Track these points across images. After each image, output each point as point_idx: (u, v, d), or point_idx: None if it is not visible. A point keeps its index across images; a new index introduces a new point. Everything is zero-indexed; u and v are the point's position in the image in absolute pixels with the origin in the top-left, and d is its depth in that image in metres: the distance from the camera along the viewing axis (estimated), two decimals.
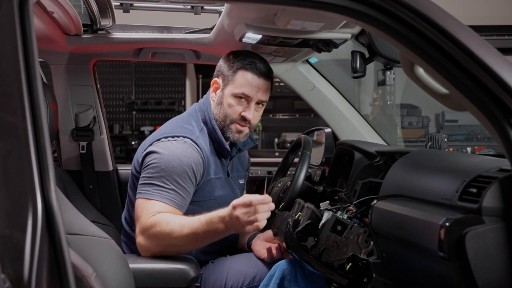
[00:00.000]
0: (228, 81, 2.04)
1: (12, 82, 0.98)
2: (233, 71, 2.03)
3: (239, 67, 2.03)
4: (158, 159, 1.91)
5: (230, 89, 2.03)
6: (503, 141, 1.11)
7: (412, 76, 1.40)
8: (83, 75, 2.54)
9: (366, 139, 2.51)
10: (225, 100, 2.04)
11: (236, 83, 2.02)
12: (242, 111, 2.03)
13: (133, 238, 1.97)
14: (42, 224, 0.90)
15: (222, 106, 2.04)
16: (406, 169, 1.55)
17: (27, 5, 1.01)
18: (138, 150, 2.05)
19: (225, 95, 2.04)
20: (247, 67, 2.02)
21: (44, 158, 0.95)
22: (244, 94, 2.01)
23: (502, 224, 1.11)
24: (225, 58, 2.10)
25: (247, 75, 2.02)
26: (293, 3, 1.27)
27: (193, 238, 1.78)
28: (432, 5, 1.18)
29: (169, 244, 1.81)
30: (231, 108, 2.03)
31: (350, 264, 1.61)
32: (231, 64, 2.05)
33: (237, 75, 2.02)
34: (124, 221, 2.14)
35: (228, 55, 2.09)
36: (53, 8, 1.86)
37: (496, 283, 1.11)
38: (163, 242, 1.81)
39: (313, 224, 1.67)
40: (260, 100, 2.04)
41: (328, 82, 2.59)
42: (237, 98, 2.02)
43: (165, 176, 1.88)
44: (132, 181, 2.05)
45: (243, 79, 2.02)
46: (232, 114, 2.03)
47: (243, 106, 2.03)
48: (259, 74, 2.02)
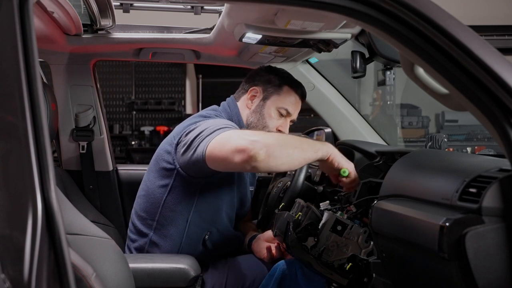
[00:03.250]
0: (272, 93, 2.09)
1: (12, 82, 0.97)
2: (279, 85, 2.10)
3: (286, 83, 2.11)
4: (203, 125, 1.86)
5: (274, 102, 2.09)
6: (503, 141, 1.11)
7: (412, 76, 1.40)
8: (83, 75, 2.54)
9: (366, 139, 2.51)
10: (266, 111, 2.09)
11: (281, 98, 2.09)
12: (279, 125, 2.10)
13: (143, 233, 1.97)
14: (42, 224, 0.90)
15: (262, 115, 2.09)
16: (406, 169, 1.55)
17: (27, 5, 1.01)
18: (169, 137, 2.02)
19: (267, 106, 2.09)
20: (294, 87, 2.11)
21: (44, 158, 0.95)
22: (287, 111, 2.09)
23: (502, 224, 1.11)
24: (264, 71, 2.15)
25: (293, 94, 2.11)
26: (293, 3, 1.27)
27: (300, 139, 1.75)
28: (432, 5, 1.18)
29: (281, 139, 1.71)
30: (271, 120, 2.08)
31: (350, 264, 1.61)
32: (275, 77, 2.11)
33: (283, 90, 2.10)
34: (135, 215, 2.09)
35: (268, 69, 2.16)
36: (53, 8, 1.86)
37: (496, 283, 1.11)
38: (273, 136, 1.72)
39: (313, 224, 1.67)
40: (293, 120, 2.14)
41: (328, 82, 2.59)
42: (278, 111, 2.09)
43: (218, 124, 1.82)
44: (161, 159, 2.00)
45: (289, 97, 2.10)
46: (271, 126, 2.08)
47: (281, 121, 2.10)
48: (302, 97, 2.14)
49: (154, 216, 2.00)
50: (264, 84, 2.11)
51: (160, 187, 2.00)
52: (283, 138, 1.73)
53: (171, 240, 1.98)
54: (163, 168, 1.99)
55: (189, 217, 1.97)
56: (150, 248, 2.00)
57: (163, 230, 1.99)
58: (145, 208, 2.04)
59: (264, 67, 2.20)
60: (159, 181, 2.00)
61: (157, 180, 2.01)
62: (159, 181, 2.00)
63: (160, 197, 1.99)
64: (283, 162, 1.67)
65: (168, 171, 1.98)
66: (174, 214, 1.98)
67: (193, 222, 1.98)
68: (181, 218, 1.98)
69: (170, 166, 1.97)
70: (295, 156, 1.69)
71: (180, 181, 1.96)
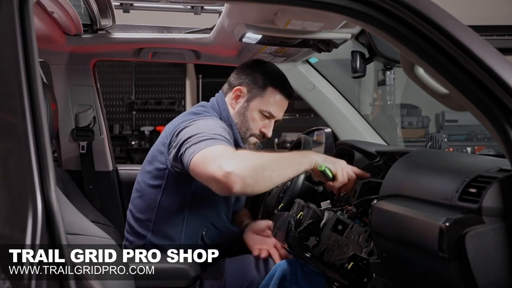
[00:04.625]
0: (256, 95, 2.05)
1: (12, 82, 0.98)
2: (263, 86, 2.05)
3: (271, 85, 2.05)
4: (193, 126, 1.86)
5: (257, 104, 2.05)
6: (503, 141, 1.11)
7: (412, 76, 1.40)
8: (83, 75, 2.54)
9: (366, 139, 2.51)
10: (249, 113, 2.05)
11: (264, 100, 2.05)
12: (263, 127, 2.06)
13: (141, 235, 1.97)
14: (42, 224, 0.91)
15: (245, 118, 2.05)
16: (406, 169, 1.55)
17: (27, 5, 1.01)
18: (161, 137, 2.01)
19: (250, 108, 2.05)
20: (278, 88, 2.05)
21: (44, 158, 0.95)
22: (270, 114, 2.05)
23: (502, 224, 1.11)
24: (251, 68, 2.09)
25: (277, 95, 2.05)
26: (293, 3, 1.27)
27: (279, 158, 1.71)
28: (432, 5, 1.18)
29: (258, 164, 1.66)
30: (254, 123, 2.05)
31: (352, 263, 1.61)
32: (260, 77, 2.06)
33: (267, 92, 2.05)
34: (131, 216, 2.09)
35: (255, 65, 2.10)
36: (53, 8, 1.86)
37: (496, 283, 1.11)
38: (251, 162, 1.66)
39: (315, 223, 1.67)
40: (278, 119, 2.10)
41: (328, 82, 2.59)
42: (261, 114, 2.05)
43: (207, 131, 1.81)
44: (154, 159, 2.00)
45: (273, 98, 2.05)
46: (254, 128, 2.05)
47: (264, 122, 2.06)
48: (287, 96, 2.07)
49: (151, 217, 2.00)
50: (249, 84, 2.06)
51: (154, 188, 2.00)
52: (261, 163, 1.67)
53: (170, 240, 1.98)
54: (156, 169, 1.99)
55: (185, 216, 1.98)
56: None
57: (161, 230, 1.99)
58: (141, 210, 2.04)
59: (252, 62, 2.14)
60: (152, 181, 2.00)
61: (150, 180, 2.01)
62: (152, 181, 2.00)
63: (155, 198, 1.99)
64: (261, 188, 1.68)
65: (161, 171, 1.98)
66: (170, 214, 1.98)
67: (189, 220, 1.98)
68: (177, 217, 1.98)
69: (163, 166, 1.97)
70: (274, 179, 1.68)
71: (173, 181, 1.96)
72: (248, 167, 1.64)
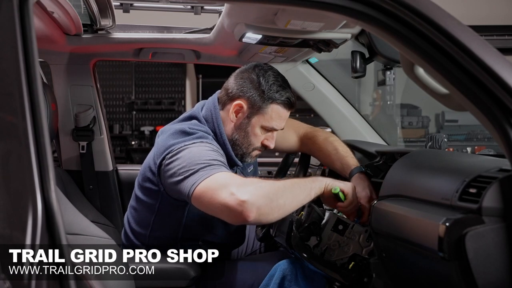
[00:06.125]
0: (258, 112, 1.93)
1: (12, 82, 0.98)
2: (265, 102, 1.92)
3: (274, 101, 1.92)
4: (187, 152, 1.78)
5: (259, 120, 1.94)
6: (503, 141, 1.11)
7: (412, 76, 1.40)
8: (83, 75, 2.54)
9: (366, 139, 2.51)
10: (251, 130, 1.95)
11: (267, 116, 1.93)
12: (265, 139, 1.97)
13: (137, 245, 1.95)
14: (42, 224, 0.91)
15: (247, 134, 1.95)
16: (406, 169, 1.55)
17: (27, 5, 1.01)
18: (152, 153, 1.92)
19: (251, 124, 1.94)
20: (281, 103, 1.93)
21: (44, 158, 0.95)
22: (273, 128, 1.95)
23: (502, 224, 1.11)
24: (251, 79, 1.94)
25: (280, 109, 1.93)
26: (293, 3, 1.27)
27: (291, 185, 1.67)
28: (432, 5, 1.18)
29: (272, 192, 1.62)
30: (256, 137, 1.96)
31: (353, 263, 1.62)
32: (262, 90, 1.91)
33: (269, 109, 1.92)
34: (128, 225, 2.07)
35: (255, 74, 1.95)
36: (53, 8, 1.86)
37: (496, 283, 1.11)
38: (265, 190, 1.62)
39: (316, 223, 1.67)
40: (281, 129, 2.00)
41: (328, 82, 2.59)
42: (263, 129, 1.95)
43: (203, 157, 1.74)
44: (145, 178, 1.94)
45: (275, 114, 1.93)
46: (256, 143, 1.96)
47: (267, 135, 1.97)
48: (290, 107, 1.96)
49: (145, 232, 1.97)
50: (249, 99, 1.92)
51: (147, 207, 1.95)
52: (274, 190, 1.63)
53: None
54: (148, 188, 1.93)
55: (178, 235, 1.95)
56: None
57: (156, 244, 1.96)
58: (137, 223, 2.02)
59: (251, 69, 1.96)
60: (146, 199, 1.95)
61: (144, 197, 1.96)
62: (146, 199, 1.95)
63: (149, 217, 1.96)
64: (275, 216, 1.65)
65: (154, 192, 1.92)
66: (164, 232, 1.95)
67: (184, 239, 1.95)
68: (171, 235, 1.95)
69: (155, 188, 1.90)
70: (287, 206, 1.65)
71: (166, 203, 1.91)
72: (263, 195, 1.60)
